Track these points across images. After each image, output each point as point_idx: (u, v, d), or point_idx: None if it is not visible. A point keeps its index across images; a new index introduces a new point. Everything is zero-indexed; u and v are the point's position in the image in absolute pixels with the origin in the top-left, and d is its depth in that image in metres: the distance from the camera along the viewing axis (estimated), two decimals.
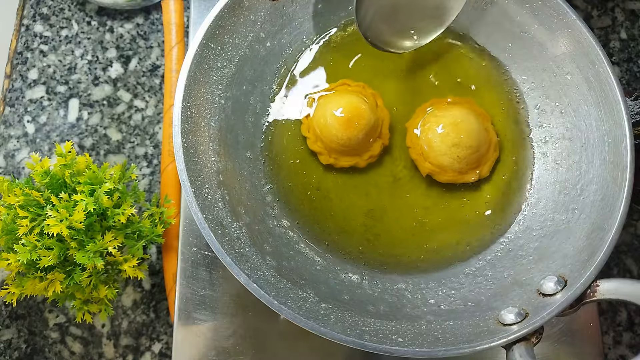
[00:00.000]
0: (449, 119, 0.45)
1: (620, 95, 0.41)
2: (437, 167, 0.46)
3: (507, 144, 0.48)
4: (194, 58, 0.42)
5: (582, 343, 0.46)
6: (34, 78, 0.55)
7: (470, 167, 0.46)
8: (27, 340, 0.49)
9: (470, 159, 0.45)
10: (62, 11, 0.57)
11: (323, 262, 0.45)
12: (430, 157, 0.45)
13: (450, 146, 0.44)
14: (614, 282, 0.36)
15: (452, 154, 0.44)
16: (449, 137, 0.45)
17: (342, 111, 0.45)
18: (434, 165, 0.46)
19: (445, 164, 0.45)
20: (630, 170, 0.39)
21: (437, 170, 0.46)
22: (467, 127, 0.45)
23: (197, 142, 0.42)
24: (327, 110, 0.46)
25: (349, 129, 0.45)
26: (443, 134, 0.45)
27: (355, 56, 0.50)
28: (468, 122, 0.45)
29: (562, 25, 0.44)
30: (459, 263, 0.45)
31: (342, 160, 0.46)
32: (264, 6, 0.46)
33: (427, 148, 0.46)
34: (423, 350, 0.36)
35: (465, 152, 0.44)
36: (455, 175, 0.46)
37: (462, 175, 0.46)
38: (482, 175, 0.46)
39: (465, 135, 0.44)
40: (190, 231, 0.48)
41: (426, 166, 0.46)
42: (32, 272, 0.40)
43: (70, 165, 0.42)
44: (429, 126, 0.46)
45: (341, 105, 0.45)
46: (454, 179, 0.46)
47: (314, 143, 0.46)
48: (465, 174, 0.46)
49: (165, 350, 0.49)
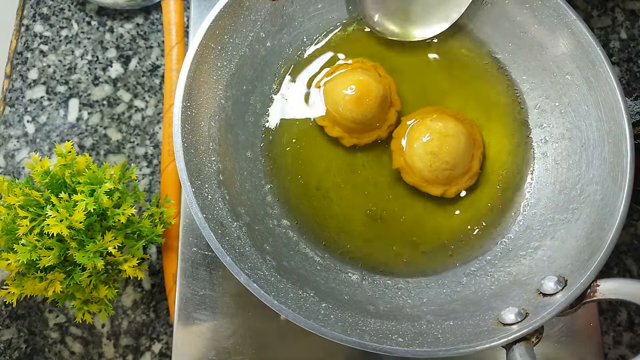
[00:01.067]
0: (441, 128, 0.45)
1: (620, 95, 0.41)
2: (408, 166, 0.46)
3: (507, 144, 0.48)
4: (194, 58, 0.42)
5: (582, 343, 0.46)
6: (34, 78, 0.55)
7: (438, 182, 0.45)
8: (27, 340, 0.49)
9: (442, 174, 0.44)
10: (62, 11, 0.57)
11: (323, 262, 0.45)
12: (407, 154, 0.46)
13: (428, 152, 0.44)
14: (614, 282, 0.36)
15: (426, 160, 0.44)
16: (430, 144, 0.44)
17: (350, 91, 0.45)
18: (406, 163, 0.46)
19: (417, 166, 0.45)
20: (630, 170, 0.39)
21: (406, 169, 0.46)
22: (452, 142, 0.44)
23: (197, 142, 0.42)
24: (336, 95, 0.46)
25: (362, 107, 0.45)
26: (427, 140, 0.45)
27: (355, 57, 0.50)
28: (456, 139, 0.44)
29: (562, 25, 0.44)
30: (459, 263, 0.45)
31: (365, 137, 0.47)
32: (264, 6, 0.46)
33: (407, 145, 0.46)
34: (423, 350, 0.36)
35: (439, 164, 0.44)
36: (420, 181, 0.45)
37: (427, 185, 0.45)
38: (448, 194, 0.46)
39: (447, 149, 0.44)
40: (190, 231, 0.48)
41: (399, 161, 0.46)
42: (32, 272, 0.40)
43: (70, 165, 0.42)
44: (420, 127, 0.46)
45: (348, 85, 0.46)
46: (419, 185, 0.45)
47: (332, 129, 0.47)
48: (431, 185, 0.45)
49: (165, 350, 0.49)
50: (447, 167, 0.44)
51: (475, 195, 0.47)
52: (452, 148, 0.44)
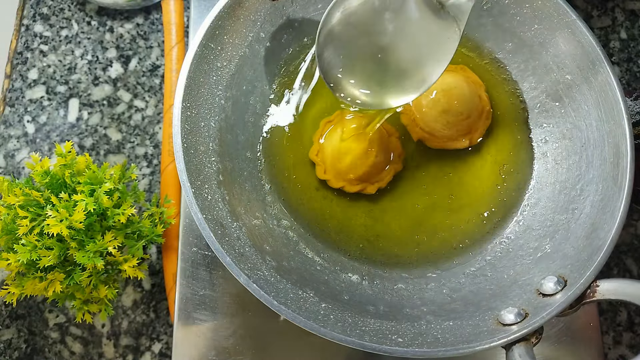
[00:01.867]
0: (441, 85, 0.46)
1: (620, 95, 0.41)
2: (427, 133, 0.46)
3: (507, 143, 0.48)
4: (194, 58, 0.42)
5: (582, 343, 0.46)
6: (34, 78, 0.55)
7: (460, 134, 0.46)
8: (27, 340, 0.49)
9: (461, 125, 0.45)
10: (62, 11, 0.57)
11: (323, 262, 0.45)
12: (421, 122, 0.46)
13: (440, 112, 0.45)
14: (614, 282, 0.36)
15: (442, 119, 0.45)
16: (439, 103, 0.45)
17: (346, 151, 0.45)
18: (425, 132, 0.46)
19: (436, 129, 0.46)
20: (630, 170, 0.39)
21: (427, 136, 0.46)
22: (458, 93, 0.45)
23: (197, 142, 0.42)
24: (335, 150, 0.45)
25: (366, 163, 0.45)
26: (434, 100, 0.45)
27: None
28: (460, 89, 0.45)
29: (562, 25, 0.44)
30: (458, 263, 0.45)
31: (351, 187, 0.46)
32: (264, 6, 0.46)
33: (418, 114, 0.46)
34: (423, 350, 0.36)
35: (455, 118, 0.45)
36: (445, 141, 0.46)
37: (452, 142, 0.46)
38: (473, 142, 0.47)
39: (457, 101, 0.45)
40: (190, 231, 0.48)
41: (417, 131, 0.47)
42: (32, 272, 0.40)
43: (70, 165, 0.42)
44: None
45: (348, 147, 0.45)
46: (444, 145, 0.46)
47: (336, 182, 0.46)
48: (456, 140, 0.46)
49: (165, 350, 0.49)
50: (464, 117, 0.45)
51: (475, 196, 0.47)
52: (460, 98, 0.45)
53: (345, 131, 0.46)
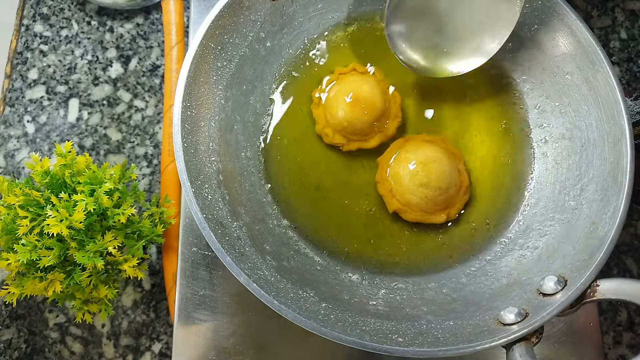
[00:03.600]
0: (420, 157, 0.44)
1: (620, 95, 0.41)
2: (404, 205, 0.45)
3: (506, 144, 0.48)
4: (194, 58, 0.42)
5: (582, 343, 0.46)
6: (34, 78, 0.55)
7: (438, 208, 0.45)
8: (27, 340, 0.49)
9: (438, 200, 0.44)
10: (62, 11, 0.57)
11: (323, 262, 0.45)
12: (397, 194, 0.45)
13: (418, 185, 0.44)
14: (614, 282, 0.36)
15: (419, 193, 0.44)
16: (418, 176, 0.44)
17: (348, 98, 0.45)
18: (401, 203, 0.45)
19: (413, 202, 0.44)
20: (630, 170, 0.39)
21: (404, 209, 0.45)
22: (437, 168, 0.44)
23: (197, 142, 0.42)
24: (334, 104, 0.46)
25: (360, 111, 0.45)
26: (412, 172, 0.44)
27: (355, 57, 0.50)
28: (439, 163, 0.44)
29: (562, 25, 0.44)
30: (459, 263, 0.45)
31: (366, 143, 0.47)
32: (264, 6, 0.46)
33: (395, 185, 0.45)
34: (423, 350, 0.36)
35: (433, 193, 0.44)
36: (422, 214, 0.45)
37: (429, 216, 0.45)
38: (450, 217, 0.45)
39: (435, 175, 0.44)
40: (190, 231, 0.48)
41: (393, 203, 0.45)
42: (32, 272, 0.40)
43: (70, 165, 0.42)
44: (400, 163, 0.45)
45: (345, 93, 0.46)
46: (421, 219, 0.45)
47: (333, 137, 0.47)
48: (433, 215, 0.45)
49: (165, 350, 0.49)
50: (442, 192, 0.44)
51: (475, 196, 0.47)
52: (440, 172, 0.44)
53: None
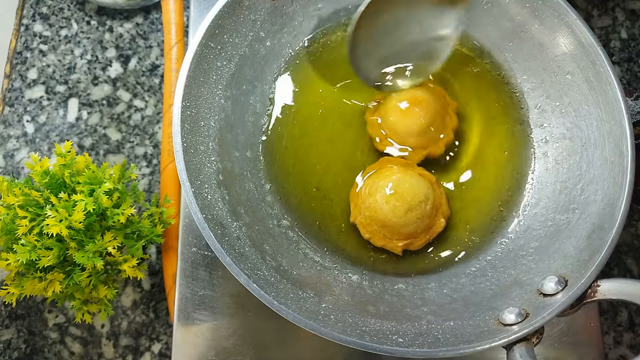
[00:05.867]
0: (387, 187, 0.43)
1: (621, 95, 0.41)
2: (406, 238, 0.44)
3: (507, 143, 0.48)
4: (194, 57, 0.42)
5: (582, 343, 0.46)
6: (33, 78, 0.55)
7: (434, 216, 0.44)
8: (26, 340, 0.49)
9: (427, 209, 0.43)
10: (61, 11, 0.57)
11: (323, 262, 0.45)
12: (394, 234, 0.44)
13: (405, 212, 0.42)
14: (614, 282, 0.36)
15: (411, 219, 0.43)
16: (399, 207, 0.42)
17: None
18: (403, 239, 0.44)
19: (411, 230, 0.43)
20: (631, 170, 0.39)
21: (409, 242, 0.44)
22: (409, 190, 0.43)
23: (197, 141, 0.42)
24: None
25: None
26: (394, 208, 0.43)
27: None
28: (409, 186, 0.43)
29: (562, 25, 0.44)
30: (459, 263, 0.45)
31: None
32: (263, 5, 0.46)
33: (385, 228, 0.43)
34: (423, 351, 0.36)
35: (420, 209, 0.43)
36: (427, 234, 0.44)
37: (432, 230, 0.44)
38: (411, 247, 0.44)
39: (411, 196, 0.42)
40: (190, 231, 0.48)
41: (398, 245, 0.44)
42: (32, 272, 0.40)
43: (69, 165, 0.42)
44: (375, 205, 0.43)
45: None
46: (429, 238, 0.44)
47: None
48: (434, 226, 0.44)
49: (165, 350, 0.49)
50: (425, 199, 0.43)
51: (475, 196, 0.47)
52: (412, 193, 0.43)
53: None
